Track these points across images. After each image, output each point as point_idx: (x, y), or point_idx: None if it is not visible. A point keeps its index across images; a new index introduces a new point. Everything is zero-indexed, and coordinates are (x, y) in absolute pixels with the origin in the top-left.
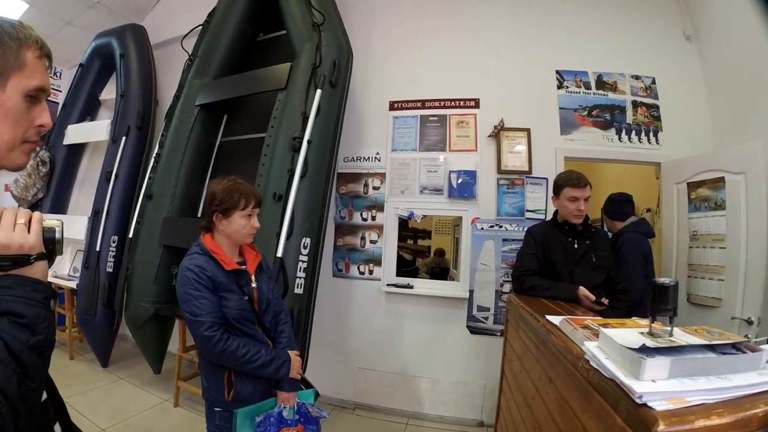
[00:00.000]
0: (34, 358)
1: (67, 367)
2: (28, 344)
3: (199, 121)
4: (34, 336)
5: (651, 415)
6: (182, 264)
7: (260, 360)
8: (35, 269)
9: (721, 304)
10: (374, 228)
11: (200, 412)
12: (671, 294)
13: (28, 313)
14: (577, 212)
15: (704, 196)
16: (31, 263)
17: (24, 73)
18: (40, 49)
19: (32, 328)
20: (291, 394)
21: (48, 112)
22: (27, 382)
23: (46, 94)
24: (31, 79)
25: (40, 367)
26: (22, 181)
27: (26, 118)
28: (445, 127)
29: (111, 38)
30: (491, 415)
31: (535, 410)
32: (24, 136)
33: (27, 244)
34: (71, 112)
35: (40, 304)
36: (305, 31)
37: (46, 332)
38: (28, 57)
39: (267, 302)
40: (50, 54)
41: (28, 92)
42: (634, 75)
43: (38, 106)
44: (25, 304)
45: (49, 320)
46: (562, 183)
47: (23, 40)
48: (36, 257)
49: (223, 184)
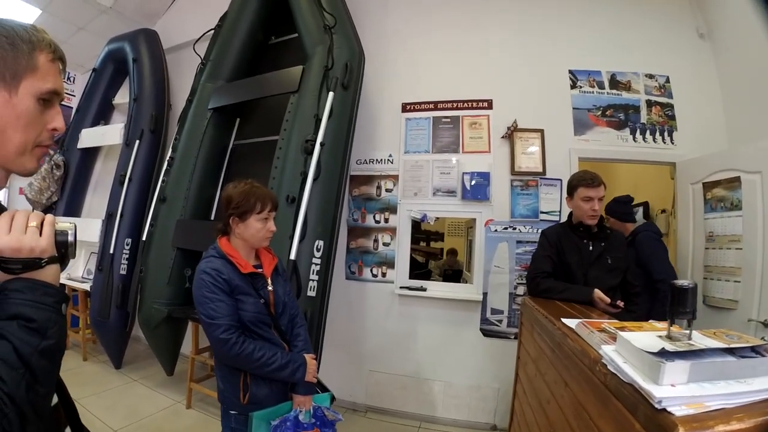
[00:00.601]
0: (44, 363)
1: (80, 368)
2: (38, 349)
3: (212, 124)
4: (44, 340)
5: (671, 420)
6: (198, 267)
7: (276, 363)
8: (47, 273)
9: (738, 306)
10: (387, 230)
11: (213, 414)
12: (690, 296)
13: (38, 317)
14: (591, 212)
15: (720, 197)
16: (43, 267)
17: (37, 76)
18: (53, 52)
19: (42, 332)
20: (307, 397)
21: (61, 115)
22: (36, 387)
23: (60, 98)
24: (44, 82)
25: (50, 371)
26: (37, 185)
27: (39, 122)
28: (458, 128)
29: (124, 43)
30: (505, 418)
31: (550, 414)
32: (37, 140)
33: (38, 247)
34: (85, 116)
35: (51, 308)
36: (317, 33)
37: (56, 337)
38: (41, 60)
39: (283, 305)
40: (63, 57)
41: (41, 95)
42: (648, 74)
43: (51, 110)
44: (36, 308)
45: (59, 324)
46: (576, 183)
47: (36, 43)
48: (47, 261)
49: (240, 187)
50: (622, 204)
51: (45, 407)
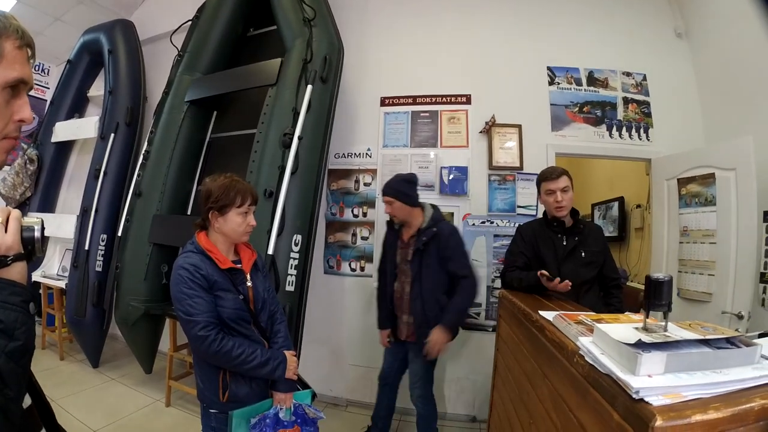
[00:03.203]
0: (11, 366)
1: (57, 368)
2: (5, 351)
3: (188, 117)
4: (11, 342)
5: (648, 410)
6: (176, 262)
7: (256, 360)
8: (13, 271)
9: (712, 298)
10: (365, 224)
11: (193, 412)
12: (666, 289)
13: (5, 318)
14: (555, 204)
15: (694, 192)
16: (8, 264)
17: (2, 65)
18: (20, 38)
19: (9, 333)
20: (287, 395)
21: (29, 106)
22: (4, 390)
23: (28, 87)
24: (9, 71)
25: (19, 374)
26: (10, 180)
27: (5, 113)
28: (437, 123)
29: (99, 34)
30: (484, 410)
31: (530, 406)
32: (3, 131)
33: (3, 244)
34: (59, 110)
35: (19, 308)
36: (296, 26)
37: (24, 338)
38: (6, 47)
39: (263, 302)
40: (32, 43)
41: (6, 84)
42: (626, 72)
43: (18, 100)
44: (2, 308)
45: (27, 325)
46: (540, 179)
47: (1, 30)
48: (13, 258)
49: (220, 180)
50: (404, 182)
51: (15, 411)
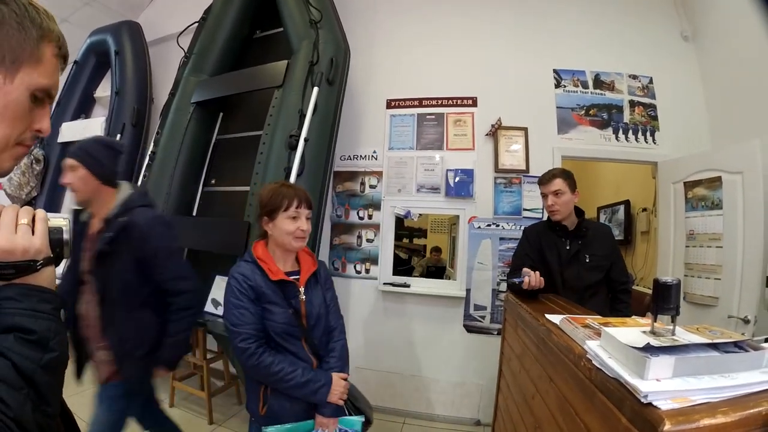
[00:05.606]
0: (48, 379)
1: None
2: (41, 363)
3: (194, 118)
4: (46, 353)
5: (657, 414)
6: (231, 270)
7: (294, 380)
8: (42, 276)
9: (718, 302)
10: (371, 227)
11: (196, 413)
12: (674, 292)
13: (37, 327)
14: (548, 208)
15: (701, 196)
16: (38, 270)
17: (38, 69)
18: (59, 47)
19: (44, 344)
20: (330, 419)
21: (49, 118)
22: (43, 407)
23: (52, 100)
24: (43, 78)
25: (56, 387)
26: (16, 179)
27: (26, 119)
28: (443, 125)
29: (106, 35)
30: (488, 414)
31: (536, 410)
32: (20, 137)
33: (32, 247)
34: (66, 110)
35: (51, 317)
36: (303, 28)
37: (59, 348)
38: (46, 53)
39: (317, 317)
40: (67, 56)
41: (36, 90)
42: (632, 74)
43: (41, 109)
44: (34, 317)
45: (61, 334)
46: (538, 183)
47: (46, 33)
48: (43, 262)
49: (269, 187)
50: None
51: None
